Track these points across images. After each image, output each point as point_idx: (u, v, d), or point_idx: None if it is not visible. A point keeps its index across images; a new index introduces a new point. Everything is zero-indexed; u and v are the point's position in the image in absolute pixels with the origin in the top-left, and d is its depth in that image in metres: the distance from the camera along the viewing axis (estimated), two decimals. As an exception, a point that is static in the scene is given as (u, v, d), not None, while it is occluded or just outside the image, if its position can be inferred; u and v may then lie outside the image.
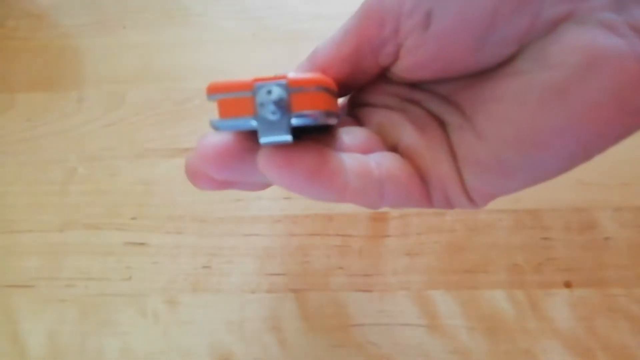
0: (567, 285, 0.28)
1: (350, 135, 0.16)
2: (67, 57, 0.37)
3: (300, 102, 0.12)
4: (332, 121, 0.14)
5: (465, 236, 0.29)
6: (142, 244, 0.31)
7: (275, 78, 0.12)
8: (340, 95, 0.17)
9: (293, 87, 0.12)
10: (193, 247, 0.30)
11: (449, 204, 0.16)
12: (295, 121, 0.12)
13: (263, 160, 0.13)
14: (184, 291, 0.29)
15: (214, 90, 0.13)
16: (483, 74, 0.15)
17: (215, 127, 0.13)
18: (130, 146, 0.34)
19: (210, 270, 0.30)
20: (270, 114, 0.12)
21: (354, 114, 0.19)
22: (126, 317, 0.29)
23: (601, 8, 0.13)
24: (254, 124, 0.12)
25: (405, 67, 0.16)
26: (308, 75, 0.13)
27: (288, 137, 0.12)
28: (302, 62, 0.17)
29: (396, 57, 0.16)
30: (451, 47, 0.15)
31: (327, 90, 0.13)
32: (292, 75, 0.12)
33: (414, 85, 0.17)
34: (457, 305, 0.28)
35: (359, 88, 0.18)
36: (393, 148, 0.17)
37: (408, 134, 0.16)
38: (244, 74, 0.35)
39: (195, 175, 0.15)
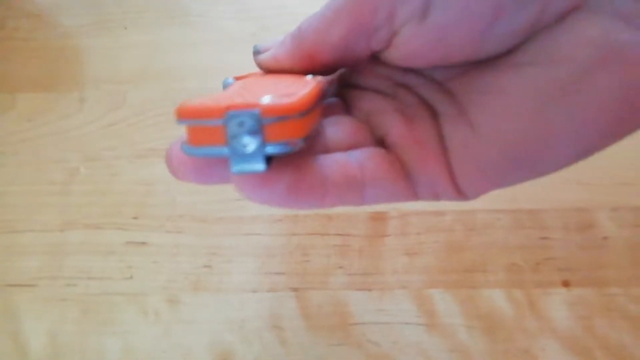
0: (565, 284, 0.28)
1: (335, 127, 0.16)
2: (67, 57, 0.37)
3: (276, 132, 0.11)
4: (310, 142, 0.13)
5: (464, 236, 0.30)
6: (142, 243, 0.31)
7: (248, 105, 0.11)
8: (329, 74, 0.17)
9: (268, 117, 0.11)
10: (193, 247, 0.30)
11: (435, 198, 0.16)
12: (270, 150, 0.11)
13: (236, 180, 0.12)
14: (185, 290, 0.29)
15: (183, 116, 0.12)
16: (483, 62, 0.14)
17: (186, 154, 0.12)
18: (130, 146, 0.34)
19: (210, 269, 0.30)
20: (242, 146, 0.11)
21: (343, 94, 0.18)
22: (127, 317, 0.29)
23: None
24: (225, 152, 0.12)
25: (399, 55, 0.15)
26: (284, 101, 0.11)
27: (261, 167, 0.11)
28: (285, 39, 0.16)
29: (389, 43, 0.15)
30: (451, 39, 0.14)
31: (305, 114, 0.12)
32: (266, 102, 0.11)
33: (408, 68, 0.16)
34: (456, 304, 0.28)
35: (350, 68, 0.17)
36: (380, 140, 0.16)
37: (396, 127, 0.16)
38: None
39: (178, 174, 0.15)
